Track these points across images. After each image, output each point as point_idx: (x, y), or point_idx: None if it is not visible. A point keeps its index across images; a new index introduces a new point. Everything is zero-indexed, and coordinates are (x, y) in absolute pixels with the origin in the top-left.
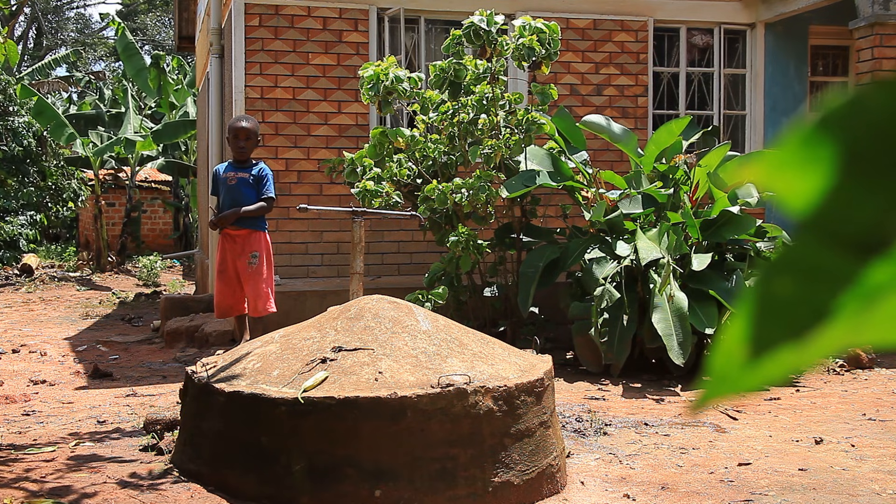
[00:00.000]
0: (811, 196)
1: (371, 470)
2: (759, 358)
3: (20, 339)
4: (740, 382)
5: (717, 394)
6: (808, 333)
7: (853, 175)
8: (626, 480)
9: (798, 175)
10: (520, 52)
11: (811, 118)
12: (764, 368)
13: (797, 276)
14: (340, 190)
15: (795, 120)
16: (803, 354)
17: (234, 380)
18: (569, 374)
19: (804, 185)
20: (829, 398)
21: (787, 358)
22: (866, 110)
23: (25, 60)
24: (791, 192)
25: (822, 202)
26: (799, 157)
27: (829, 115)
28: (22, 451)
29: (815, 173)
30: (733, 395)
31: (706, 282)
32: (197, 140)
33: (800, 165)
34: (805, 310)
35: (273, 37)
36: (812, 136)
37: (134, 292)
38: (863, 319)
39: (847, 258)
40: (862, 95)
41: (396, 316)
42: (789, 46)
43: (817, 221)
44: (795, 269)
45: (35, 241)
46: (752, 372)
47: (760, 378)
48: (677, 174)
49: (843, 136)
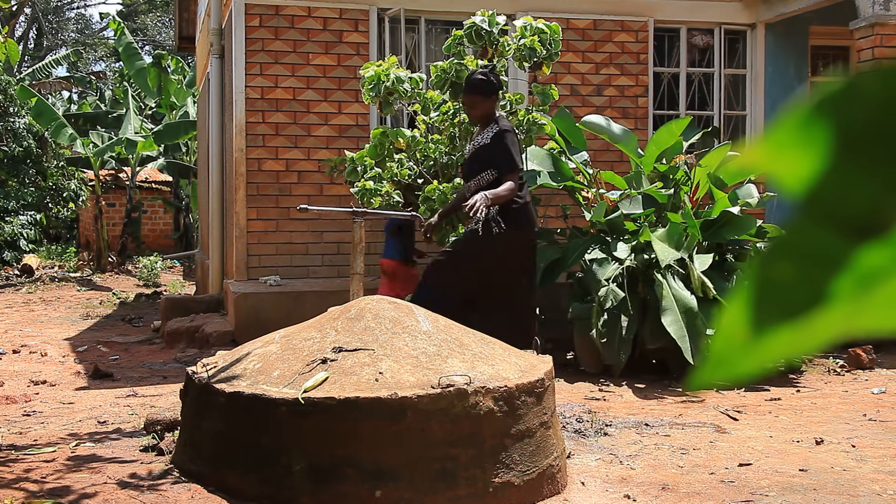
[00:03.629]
0: (808, 178)
1: (371, 470)
2: (757, 340)
3: (21, 340)
4: (739, 364)
5: (716, 375)
6: (806, 316)
7: (850, 158)
8: (626, 481)
9: (795, 157)
10: (521, 53)
11: (808, 101)
12: (762, 350)
13: (795, 259)
14: (341, 190)
15: (792, 103)
16: (801, 337)
17: (235, 380)
18: (569, 375)
19: (801, 168)
20: (829, 399)
21: (785, 340)
22: (864, 94)
23: (26, 61)
24: (788, 174)
25: (819, 185)
26: (796, 138)
27: (827, 98)
28: (22, 452)
29: (811, 155)
30: (732, 376)
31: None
32: (197, 140)
33: (797, 147)
34: (803, 292)
35: (273, 37)
36: (809, 118)
37: (134, 293)
38: (860, 303)
39: (844, 241)
40: (859, 80)
41: (397, 316)
42: (790, 47)
43: (814, 204)
44: (793, 251)
45: (35, 241)
46: (751, 354)
47: (759, 360)
48: (678, 174)
49: (840, 119)
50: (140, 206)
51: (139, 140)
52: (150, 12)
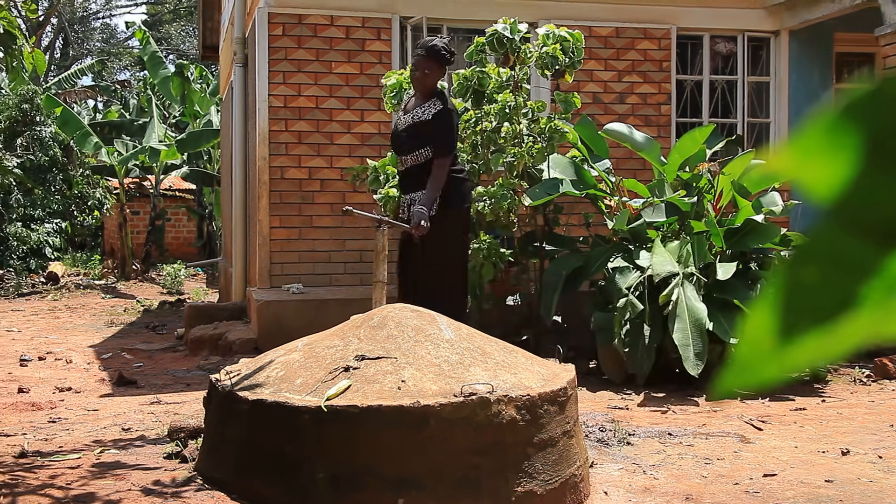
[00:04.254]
0: (835, 184)
1: (394, 479)
2: (783, 346)
3: (46, 347)
4: (764, 370)
5: (741, 381)
6: (832, 322)
7: (877, 164)
8: (649, 491)
9: (822, 163)
10: (543, 61)
11: (835, 107)
12: (788, 356)
13: (822, 265)
14: (363, 198)
15: (819, 109)
16: (828, 343)
17: (258, 388)
18: (592, 384)
19: (828, 174)
20: (855, 409)
21: (811, 346)
22: (891, 99)
23: (52, 70)
24: (815, 180)
25: (847, 191)
26: (823, 144)
27: (854, 104)
28: (48, 458)
29: (839, 161)
30: (757, 382)
31: (730, 291)
32: (220, 149)
33: (824, 153)
34: (830, 298)
35: (296, 46)
36: (836, 124)
37: (158, 300)
38: (887, 308)
39: (871, 247)
40: (886, 85)
41: (419, 324)
42: (814, 54)
43: (841, 210)
44: (820, 257)
45: (61, 249)
46: (777, 360)
47: (785, 366)
48: (701, 183)
49: (867, 124)
50: (164, 214)
51: (163, 148)
52: (175, 22)
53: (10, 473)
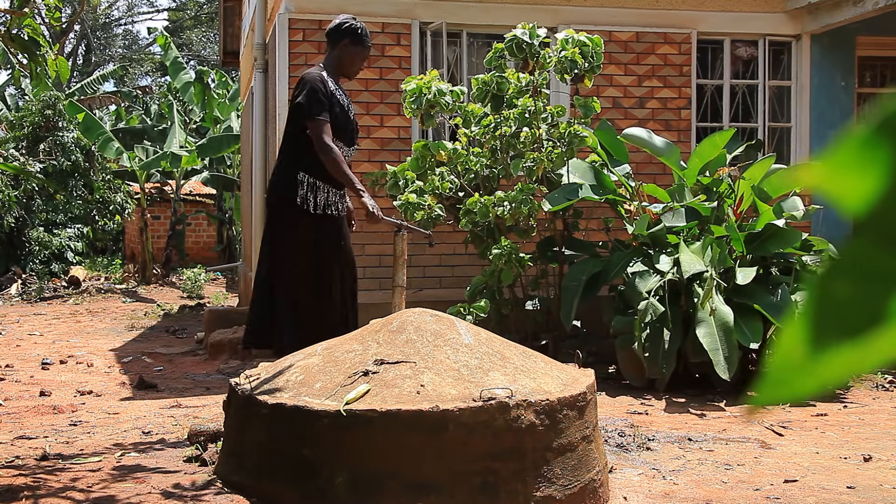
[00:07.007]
0: (867, 199)
1: (412, 483)
2: (816, 359)
3: (68, 350)
4: (798, 384)
5: (775, 396)
6: (865, 335)
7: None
8: (669, 496)
9: (855, 178)
10: (562, 65)
11: (868, 122)
12: (822, 370)
13: (854, 278)
14: (383, 204)
15: (848, 126)
16: (861, 356)
17: (277, 392)
18: (611, 389)
19: (861, 188)
20: (877, 415)
21: (845, 359)
22: None
23: (74, 76)
24: (847, 195)
25: (878, 205)
26: (856, 159)
27: (888, 119)
28: (69, 461)
29: (872, 176)
30: (792, 396)
31: (751, 296)
32: (241, 154)
33: (856, 168)
34: (862, 311)
35: (316, 51)
36: (869, 139)
37: (178, 304)
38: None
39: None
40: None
41: (438, 329)
42: (836, 58)
43: (873, 224)
44: (852, 271)
45: (82, 253)
46: (811, 373)
47: (819, 380)
48: (721, 187)
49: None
50: (184, 219)
51: (184, 154)
52: (196, 28)
53: (32, 476)
